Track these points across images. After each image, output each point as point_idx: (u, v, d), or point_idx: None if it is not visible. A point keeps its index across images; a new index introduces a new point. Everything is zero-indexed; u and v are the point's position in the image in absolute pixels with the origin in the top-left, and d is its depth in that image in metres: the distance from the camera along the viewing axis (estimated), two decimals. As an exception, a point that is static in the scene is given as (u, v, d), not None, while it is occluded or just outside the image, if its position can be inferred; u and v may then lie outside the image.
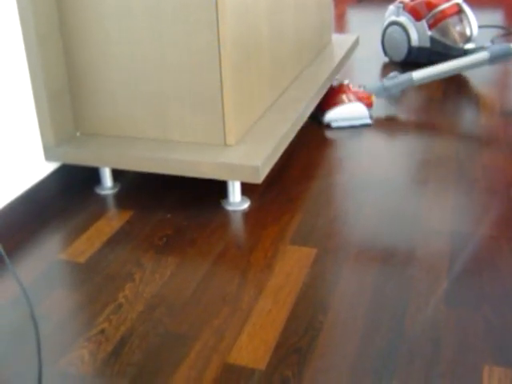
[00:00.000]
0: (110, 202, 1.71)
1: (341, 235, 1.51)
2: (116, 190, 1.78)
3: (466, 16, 2.72)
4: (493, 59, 2.26)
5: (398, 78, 2.31)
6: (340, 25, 3.72)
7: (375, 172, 1.82)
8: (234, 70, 1.55)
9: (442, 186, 1.72)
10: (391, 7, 2.88)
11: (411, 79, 2.30)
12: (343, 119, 2.19)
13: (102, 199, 1.73)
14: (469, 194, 1.68)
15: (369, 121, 2.19)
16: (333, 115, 2.17)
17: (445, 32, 2.69)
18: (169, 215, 1.63)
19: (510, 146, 1.96)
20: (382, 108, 2.33)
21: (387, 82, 2.32)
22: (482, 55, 2.28)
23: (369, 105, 2.26)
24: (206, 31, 1.50)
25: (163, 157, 1.58)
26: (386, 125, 2.17)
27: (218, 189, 1.74)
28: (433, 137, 2.05)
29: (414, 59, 2.77)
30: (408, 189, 1.72)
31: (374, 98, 2.29)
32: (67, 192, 1.77)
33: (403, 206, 1.63)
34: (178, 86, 1.58)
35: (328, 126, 2.16)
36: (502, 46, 2.24)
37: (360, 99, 2.23)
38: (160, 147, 1.62)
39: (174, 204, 1.69)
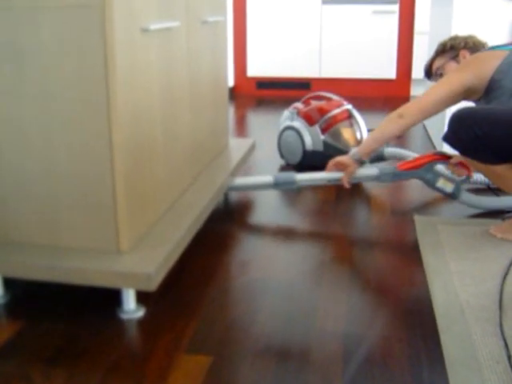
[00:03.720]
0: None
1: (236, 341, 1.50)
2: (6, 299, 1.71)
3: (356, 121, 2.87)
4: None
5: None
6: (240, 128, 3.84)
7: (272, 275, 1.84)
8: (126, 175, 1.56)
9: (335, 288, 1.76)
10: (286, 112, 3.02)
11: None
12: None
13: (-10, 310, 1.66)
14: (361, 294, 1.72)
15: None
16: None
17: (336, 136, 2.83)
18: (60, 325, 1.58)
19: (400, 246, 2.04)
20: (277, 215, 2.39)
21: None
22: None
23: None
24: (97, 138, 1.51)
25: (52, 264, 1.54)
26: (283, 227, 2.22)
27: (113, 296, 1.71)
28: (327, 238, 2.11)
29: (309, 162, 2.87)
30: (303, 291, 1.74)
31: None
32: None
33: (298, 309, 1.65)
34: (70, 191, 1.57)
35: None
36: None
37: None
38: (49, 254, 1.59)
39: (66, 312, 1.64)
